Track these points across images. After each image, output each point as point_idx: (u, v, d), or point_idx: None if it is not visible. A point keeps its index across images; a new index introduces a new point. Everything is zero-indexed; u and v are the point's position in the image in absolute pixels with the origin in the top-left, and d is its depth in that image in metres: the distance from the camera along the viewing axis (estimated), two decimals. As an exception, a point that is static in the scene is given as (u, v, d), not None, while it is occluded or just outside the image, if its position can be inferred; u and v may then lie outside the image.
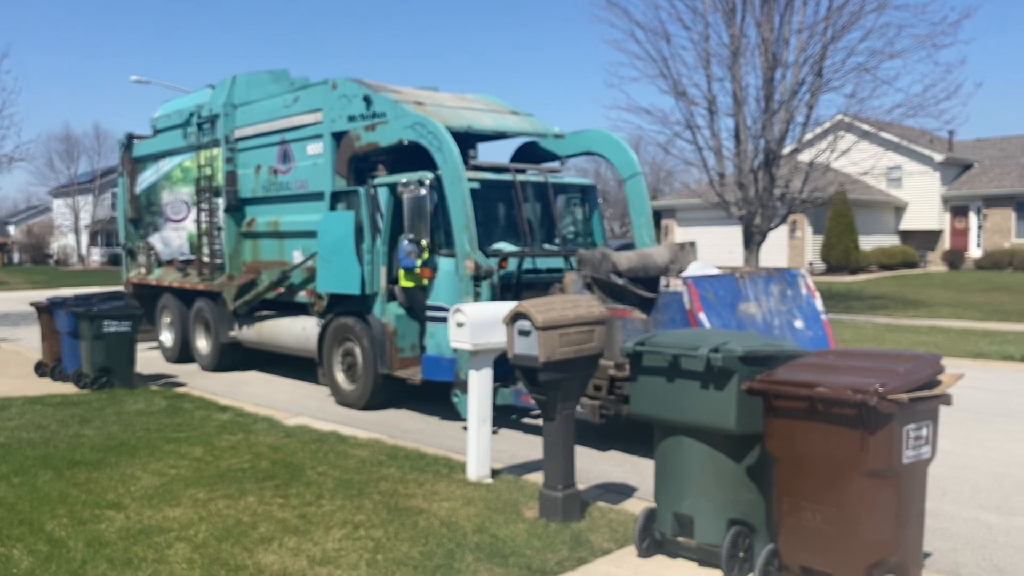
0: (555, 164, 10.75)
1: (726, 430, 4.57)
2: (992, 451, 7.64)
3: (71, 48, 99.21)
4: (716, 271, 8.26)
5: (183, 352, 13.16)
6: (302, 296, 10.77)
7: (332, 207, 9.97)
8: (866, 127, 27.13)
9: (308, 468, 6.80)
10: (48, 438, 7.89)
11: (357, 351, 9.60)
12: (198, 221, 12.43)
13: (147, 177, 14.19)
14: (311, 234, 10.24)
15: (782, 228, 27.02)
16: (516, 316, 5.58)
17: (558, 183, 10.04)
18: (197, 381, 11.57)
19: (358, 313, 9.48)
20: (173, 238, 13.62)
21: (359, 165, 9.94)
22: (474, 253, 8.25)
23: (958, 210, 37.21)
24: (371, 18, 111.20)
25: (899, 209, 37.85)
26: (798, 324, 8.00)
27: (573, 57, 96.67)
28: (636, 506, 5.87)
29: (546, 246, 9.55)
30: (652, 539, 4.95)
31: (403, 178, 8.89)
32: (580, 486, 5.80)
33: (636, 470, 7.03)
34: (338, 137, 10.00)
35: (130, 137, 14.47)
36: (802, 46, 18.06)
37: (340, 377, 9.91)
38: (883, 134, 34.27)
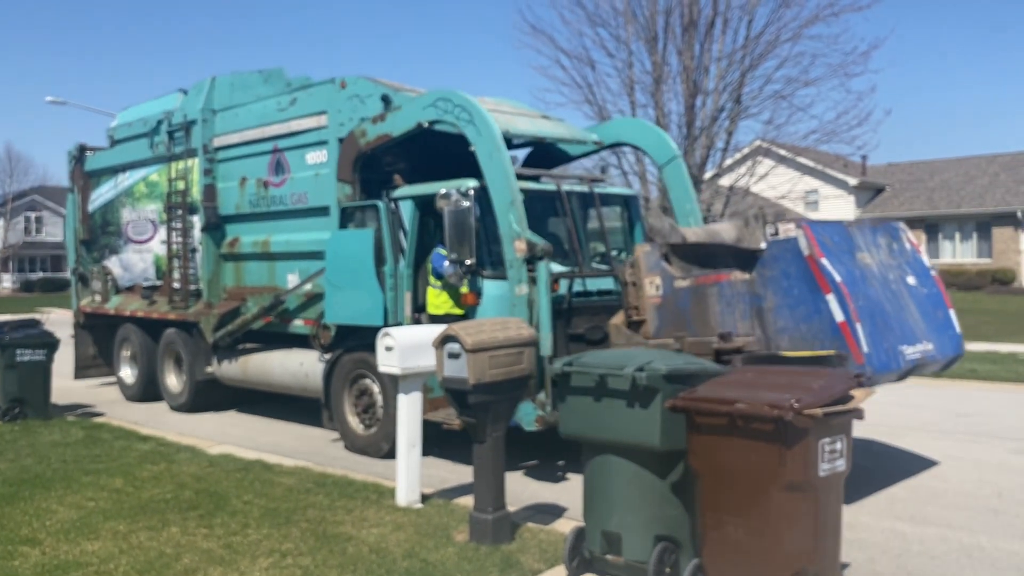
0: (595, 171, 9.85)
1: (651, 447, 4.66)
2: (906, 463, 7.94)
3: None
4: None
5: (148, 390, 11.76)
6: (299, 326, 9.52)
7: (342, 224, 8.87)
8: (783, 152, 28.01)
9: (233, 497, 6.66)
10: (-44, 473, 7.56)
11: (375, 390, 8.42)
12: (168, 242, 11.06)
13: (103, 193, 12.77)
14: (311, 255, 9.13)
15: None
16: (445, 339, 5.60)
17: (602, 193, 8.98)
18: (116, 411, 11.21)
19: (374, 346, 7.16)
20: (135, 261, 12.25)
21: (367, 176, 8.92)
22: (525, 232, 7.26)
23: (872, 232, 38.64)
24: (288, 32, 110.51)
25: (817, 231, 39.06)
26: (911, 280, 7.21)
27: (502, 75, 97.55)
28: (566, 526, 5.91)
29: (596, 265, 8.55)
30: (581, 558, 5.00)
31: (441, 187, 7.71)
32: (510, 508, 5.83)
33: (566, 490, 7.09)
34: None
35: (82, 149, 13.08)
36: (721, 74, 18.62)
37: (353, 420, 8.68)
38: (800, 159, 35.46)
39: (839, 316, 6.13)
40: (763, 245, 6.65)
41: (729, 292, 6.58)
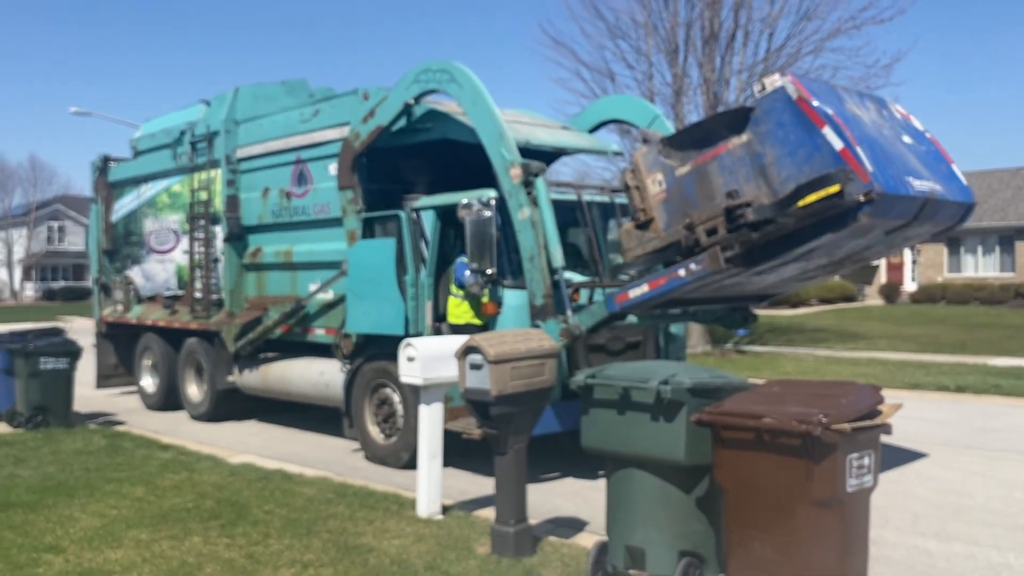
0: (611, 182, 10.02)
1: (676, 462, 4.63)
2: (930, 479, 7.84)
3: (6, 77, 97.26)
4: None
5: (168, 399, 11.81)
6: (320, 335, 9.61)
7: (364, 234, 8.94)
8: (804, 165, 28.02)
9: (254, 507, 6.67)
10: (-19, 480, 7.62)
11: (396, 399, 8.44)
12: (190, 252, 11.16)
13: (126, 204, 12.87)
14: (333, 265, 9.20)
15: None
16: (468, 350, 5.60)
17: (623, 204, 8.69)
18: (137, 419, 11.28)
19: (395, 355, 7.16)
20: (157, 271, 12.30)
21: (387, 187, 9.05)
22: (517, 158, 7.45)
23: (893, 245, 38.39)
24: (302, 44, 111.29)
25: (837, 244, 38.85)
26: (907, 139, 7.02)
27: (523, 88, 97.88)
28: (588, 540, 5.88)
29: (621, 276, 8.50)
30: (604, 573, 4.96)
31: (462, 198, 7.74)
32: (532, 520, 5.80)
33: (588, 503, 7.05)
34: (371, 153, 9.07)
35: (105, 160, 13.22)
36: (742, 86, 18.58)
37: (373, 430, 8.68)
38: (820, 171, 35.27)
39: (838, 144, 5.93)
40: (754, 105, 6.45)
41: (729, 161, 6.40)
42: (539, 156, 9.13)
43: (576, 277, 7.99)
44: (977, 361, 16.62)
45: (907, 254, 38.04)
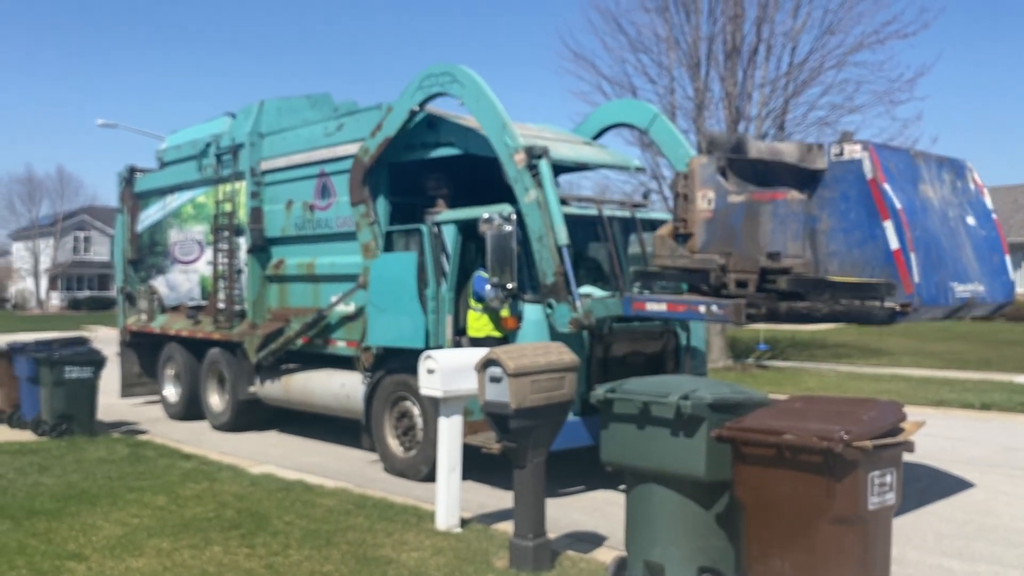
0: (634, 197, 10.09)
1: (696, 477, 4.61)
2: (954, 498, 7.75)
3: (36, 91, 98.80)
4: None
5: (190, 408, 11.90)
6: (342, 348, 9.63)
7: (386, 248, 9.01)
8: (826, 179, 27.88)
9: (274, 517, 6.71)
10: (5, 487, 7.70)
11: (415, 412, 8.45)
12: (214, 263, 11.25)
13: (151, 214, 13.02)
14: (355, 278, 9.26)
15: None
16: (487, 363, 5.61)
17: (644, 219, 8.94)
18: (160, 428, 11.37)
19: (415, 368, 7.14)
20: (181, 281, 12.42)
21: (410, 200, 9.15)
22: (521, 144, 7.67)
23: (916, 260, 38.00)
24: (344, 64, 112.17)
25: (859, 259, 38.52)
26: (970, 221, 6.98)
27: (544, 102, 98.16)
28: (606, 555, 5.85)
29: (635, 285, 8.57)
30: (623, 588, 4.95)
31: (484, 212, 7.76)
32: (550, 535, 5.79)
33: (606, 518, 7.03)
34: (393, 168, 9.18)
35: (132, 171, 13.39)
36: (764, 100, 18.54)
37: (392, 442, 8.72)
38: (843, 186, 35.04)
39: (895, 244, 5.95)
40: (825, 165, 6.40)
41: (783, 211, 6.37)
42: (561, 171, 9.22)
43: (597, 292, 8.01)
44: (1003, 378, 16.42)
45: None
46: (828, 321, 6.31)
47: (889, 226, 5.98)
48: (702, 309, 6.51)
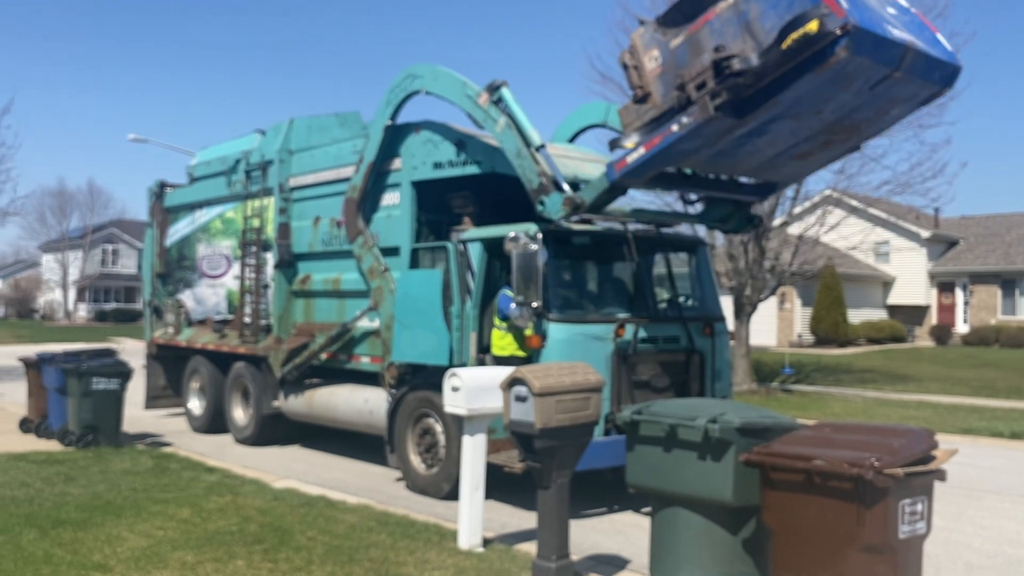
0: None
1: (723, 502, 4.57)
2: (985, 528, 7.62)
3: (70, 107, 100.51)
4: None
5: (214, 422, 11.98)
6: (366, 364, 9.68)
7: (412, 264, 9.09)
8: (854, 203, 27.58)
9: (297, 532, 6.71)
10: (32, 496, 7.77)
11: (438, 429, 8.43)
12: (241, 277, 11.33)
13: (180, 228, 13.17)
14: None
15: (771, 300, 27.23)
16: (513, 381, 5.60)
17: (669, 238, 9.04)
18: (184, 441, 11.44)
19: (439, 385, 7.21)
20: (208, 295, 12.50)
21: (436, 218, 9.24)
22: (479, 87, 8.14)
23: (945, 286, 37.63)
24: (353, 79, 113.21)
25: (887, 284, 38.22)
26: (891, 11, 6.79)
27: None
28: (629, 578, 5.82)
29: (664, 310, 8.60)
30: (646, 612, 4.91)
31: (509, 231, 7.82)
32: (573, 557, 5.75)
33: (629, 541, 6.97)
34: (418, 186, 9.22)
35: (162, 185, 13.55)
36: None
37: (415, 459, 8.70)
38: (871, 210, 34.69)
39: None
40: None
41: (718, 24, 6.48)
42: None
43: (621, 313, 8.02)
44: (1033, 407, 16.16)
45: (959, 295, 37.21)
46: (789, 84, 6.18)
47: None
48: (675, 128, 6.59)
